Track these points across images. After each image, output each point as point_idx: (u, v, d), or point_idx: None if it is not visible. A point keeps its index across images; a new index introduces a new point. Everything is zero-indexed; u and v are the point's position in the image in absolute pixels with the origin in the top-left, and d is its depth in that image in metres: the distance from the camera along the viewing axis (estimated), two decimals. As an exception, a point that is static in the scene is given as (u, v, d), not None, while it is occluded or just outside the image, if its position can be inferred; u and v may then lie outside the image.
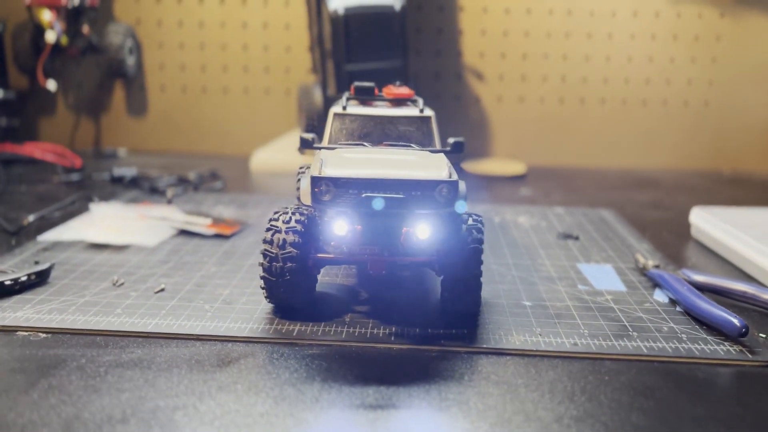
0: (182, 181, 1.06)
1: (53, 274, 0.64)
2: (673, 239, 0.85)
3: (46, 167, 1.14)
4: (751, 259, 0.70)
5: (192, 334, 0.52)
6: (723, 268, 0.74)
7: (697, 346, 0.52)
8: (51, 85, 1.22)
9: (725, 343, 0.53)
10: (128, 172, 1.07)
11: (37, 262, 0.67)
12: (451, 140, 0.62)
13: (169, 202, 0.92)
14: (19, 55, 1.25)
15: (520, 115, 1.35)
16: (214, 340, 0.52)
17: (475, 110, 1.35)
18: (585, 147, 1.37)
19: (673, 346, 0.52)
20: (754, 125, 1.36)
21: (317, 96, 1.17)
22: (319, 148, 0.60)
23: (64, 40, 1.20)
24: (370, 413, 0.42)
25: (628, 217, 0.95)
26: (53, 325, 0.53)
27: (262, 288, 0.55)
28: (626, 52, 1.32)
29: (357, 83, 0.66)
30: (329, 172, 0.51)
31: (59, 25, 1.18)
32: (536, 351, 0.51)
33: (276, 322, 0.55)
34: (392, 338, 0.52)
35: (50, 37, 1.17)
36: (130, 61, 1.29)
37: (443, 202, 0.52)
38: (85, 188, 1.02)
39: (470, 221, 0.55)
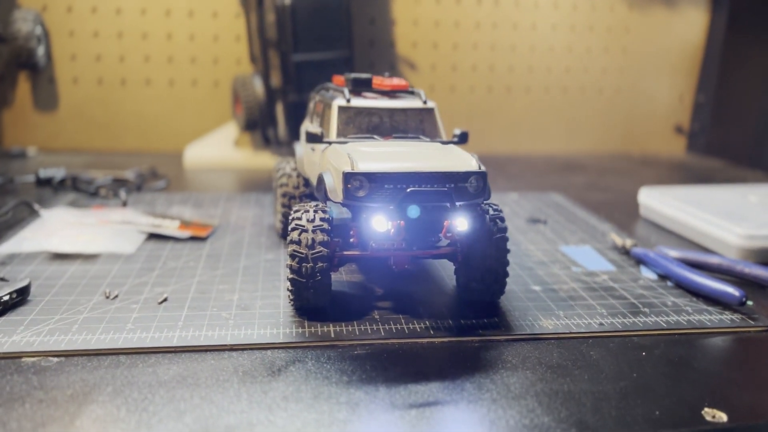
0: (121, 181, 0.99)
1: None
2: (625, 218, 0.91)
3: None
4: (710, 234, 0.76)
5: (224, 345, 0.49)
6: (679, 242, 0.80)
7: (704, 317, 0.57)
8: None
9: (726, 312, 0.58)
10: (57, 173, 0.98)
11: (2, 279, 0.60)
12: (457, 131, 0.63)
13: (124, 204, 0.85)
14: None
15: (452, 104, 1.38)
16: (251, 349, 0.49)
17: (409, 100, 1.36)
18: (512, 134, 1.42)
19: (685, 318, 0.56)
20: (658, 110, 1.48)
21: (258, 87, 1.13)
22: (330, 143, 0.59)
23: (-35, 28, 1.07)
24: (451, 408, 0.42)
25: (575, 200, 1.00)
26: (63, 347, 0.48)
27: (289, 290, 0.53)
28: (548, 42, 1.38)
29: (354, 75, 0.65)
30: (363, 166, 0.50)
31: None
32: (570, 333, 0.53)
33: (306, 324, 0.53)
34: (431, 332, 0.52)
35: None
36: (40, 50, 1.17)
37: (473, 193, 0.52)
38: (8, 193, 0.92)
39: (491, 211, 0.56)
